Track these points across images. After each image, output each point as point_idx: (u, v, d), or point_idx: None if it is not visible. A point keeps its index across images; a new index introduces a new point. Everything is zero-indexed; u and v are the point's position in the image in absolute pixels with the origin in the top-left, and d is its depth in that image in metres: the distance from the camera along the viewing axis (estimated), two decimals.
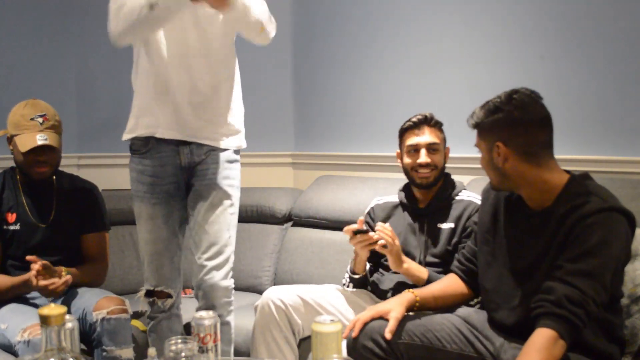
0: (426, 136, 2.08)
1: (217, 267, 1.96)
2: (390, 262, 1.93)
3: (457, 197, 2.12)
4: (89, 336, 1.97)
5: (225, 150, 2.02)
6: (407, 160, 2.12)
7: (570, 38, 2.31)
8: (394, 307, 1.63)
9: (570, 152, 2.30)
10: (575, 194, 1.50)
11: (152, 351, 1.27)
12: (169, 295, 2.03)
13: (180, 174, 2.00)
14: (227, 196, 2.00)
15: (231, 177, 2.03)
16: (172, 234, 2.02)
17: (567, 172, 1.58)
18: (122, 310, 1.97)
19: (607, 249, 1.42)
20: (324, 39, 3.14)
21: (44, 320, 1.04)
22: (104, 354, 1.93)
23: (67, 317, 1.12)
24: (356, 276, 2.13)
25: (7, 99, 2.92)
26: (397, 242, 1.92)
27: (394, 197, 2.24)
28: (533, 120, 1.54)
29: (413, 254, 2.09)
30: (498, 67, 2.50)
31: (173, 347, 1.26)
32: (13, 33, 2.96)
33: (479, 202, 2.06)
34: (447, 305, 1.73)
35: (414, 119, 2.11)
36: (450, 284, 1.80)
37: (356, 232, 1.94)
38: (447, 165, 2.20)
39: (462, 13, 2.62)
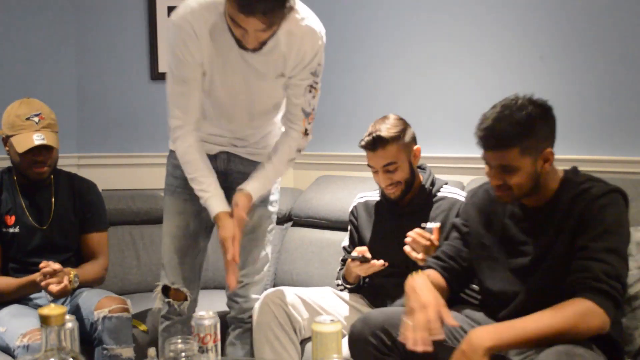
0: (379, 159, 2.00)
1: (253, 284, 2.02)
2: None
3: (438, 194, 2.08)
4: (89, 336, 1.96)
5: None
6: (374, 178, 2.08)
7: (570, 38, 2.31)
8: (433, 298, 1.51)
9: (571, 152, 2.29)
10: (576, 183, 1.54)
11: (151, 351, 1.27)
12: (186, 298, 2.01)
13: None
14: (267, 214, 2.04)
15: (269, 194, 2.05)
16: (198, 233, 2.01)
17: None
18: (123, 309, 1.97)
19: (622, 227, 1.48)
20: (327, 40, 3.13)
21: (44, 320, 1.04)
22: (105, 352, 1.92)
23: (67, 317, 1.12)
24: (350, 286, 2.15)
25: (6, 99, 2.93)
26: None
27: (376, 193, 2.22)
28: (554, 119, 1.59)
29: (393, 257, 2.03)
30: (498, 67, 2.50)
31: (173, 347, 1.26)
32: (12, 32, 2.96)
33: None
34: None
35: (363, 142, 2.03)
36: (435, 275, 1.71)
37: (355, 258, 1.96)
38: (446, 165, 2.19)
39: (462, 14, 2.62)
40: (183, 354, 1.25)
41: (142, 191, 2.95)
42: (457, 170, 2.51)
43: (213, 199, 1.83)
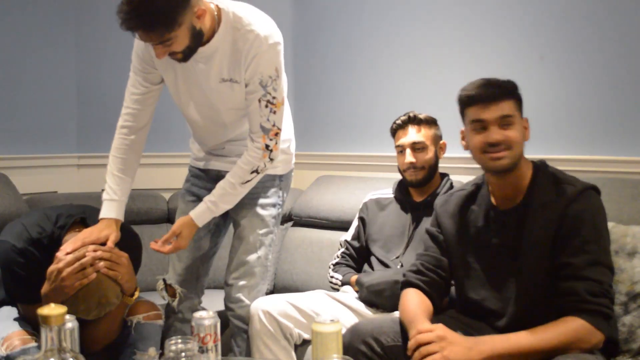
0: (409, 136, 2.11)
1: (244, 287, 2.01)
2: None
3: None
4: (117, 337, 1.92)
5: None
6: (398, 160, 2.16)
7: (570, 38, 2.31)
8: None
9: (571, 152, 2.30)
10: (545, 184, 1.53)
11: (152, 351, 1.27)
12: (175, 295, 2.05)
13: (214, 185, 2.03)
14: (257, 216, 2.04)
15: (262, 197, 2.05)
16: (197, 234, 2.03)
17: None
18: (157, 315, 1.93)
19: (599, 232, 1.47)
20: (324, 39, 3.14)
21: (44, 320, 1.04)
22: (134, 357, 1.89)
23: (67, 317, 1.12)
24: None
25: (6, 98, 2.93)
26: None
27: (389, 191, 2.26)
28: None
29: (395, 248, 2.08)
30: (498, 67, 2.49)
31: (173, 347, 1.25)
32: (12, 32, 2.96)
33: None
34: None
35: (399, 120, 2.15)
36: (424, 303, 1.64)
37: None
38: (447, 165, 2.19)
39: (462, 14, 2.62)
40: (183, 354, 1.25)
41: (142, 191, 2.95)
42: (457, 170, 2.51)
43: (111, 202, 1.87)
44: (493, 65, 2.51)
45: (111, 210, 1.85)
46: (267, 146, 1.88)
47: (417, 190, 2.16)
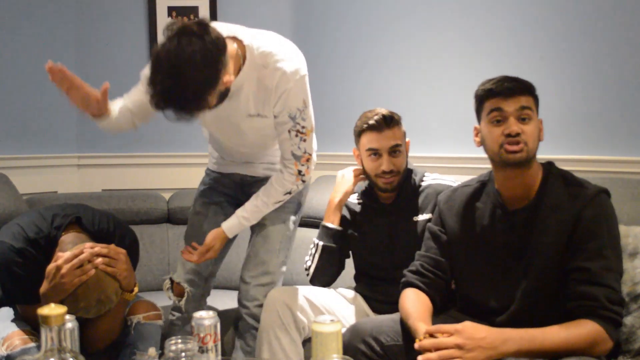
0: (387, 139, 1.95)
1: (261, 286, 2.05)
2: None
3: (422, 184, 2.02)
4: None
5: None
6: (368, 164, 2.01)
7: (570, 38, 2.31)
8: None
9: (571, 152, 2.30)
10: (556, 185, 1.52)
11: (152, 351, 1.26)
12: (183, 294, 2.08)
13: (235, 189, 2.12)
14: (280, 220, 2.10)
15: (286, 202, 2.09)
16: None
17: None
18: (157, 316, 1.93)
19: (614, 237, 1.47)
20: (324, 39, 3.13)
21: (44, 320, 1.04)
22: (133, 357, 1.88)
23: (67, 317, 1.12)
24: (331, 226, 2.10)
25: (6, 98, 2.93)
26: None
27: (353, 197, 2.16)
28: None
29: (381, 258, 2.03)
30: (498, 67, 2.49)
31: (173, 347, 1.25)
32: (12, 32, 2.96)
33: (450, 184, 1.94)
34: None
35: (372, 121, 1.95)
36: (424, 301, 1.64)
37: None
38: (441, 165, 2.18)
39: (462, 14, 2.62)
40: (183, 354, 1.25)
41: (142, 191, 2.95)
42: (453, 170, 2.51)
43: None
44: (493, 65, 2.51)
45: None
46: (299, 172, 1.97)
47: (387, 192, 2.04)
